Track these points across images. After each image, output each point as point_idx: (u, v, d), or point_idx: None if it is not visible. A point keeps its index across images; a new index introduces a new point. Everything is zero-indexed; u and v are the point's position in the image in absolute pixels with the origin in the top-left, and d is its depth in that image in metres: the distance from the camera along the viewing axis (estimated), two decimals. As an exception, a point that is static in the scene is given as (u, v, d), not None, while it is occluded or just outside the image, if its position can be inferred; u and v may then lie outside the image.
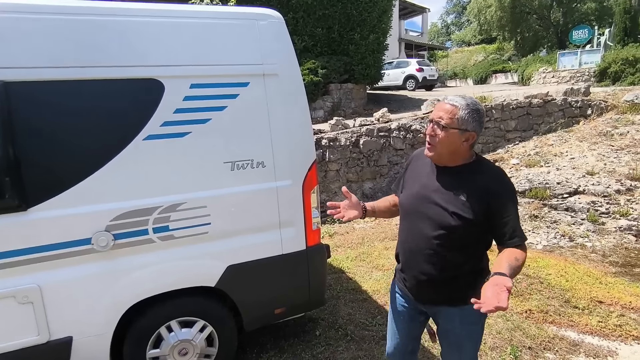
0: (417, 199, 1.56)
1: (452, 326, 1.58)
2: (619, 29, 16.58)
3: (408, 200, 1.61)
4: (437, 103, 1.53)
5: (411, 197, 1.59)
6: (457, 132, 1.42)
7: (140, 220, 2.00)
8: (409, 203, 1.60)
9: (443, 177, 1.50)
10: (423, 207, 1.52)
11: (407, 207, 1.61)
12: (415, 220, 1.56)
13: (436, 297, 1.58)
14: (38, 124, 1.81)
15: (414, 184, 1.61)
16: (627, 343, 2.75)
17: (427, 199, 1.51)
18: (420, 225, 1.53)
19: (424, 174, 1.58)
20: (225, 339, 2.34)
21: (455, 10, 49.98)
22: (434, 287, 1.56)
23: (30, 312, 1.85)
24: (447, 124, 1.42)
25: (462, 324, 1.56)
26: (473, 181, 1.44)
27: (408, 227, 1.61)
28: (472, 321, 1.56)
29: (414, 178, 1.63)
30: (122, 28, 1.94)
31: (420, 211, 1.53)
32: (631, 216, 5.09)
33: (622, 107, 8.55)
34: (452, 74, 25.99)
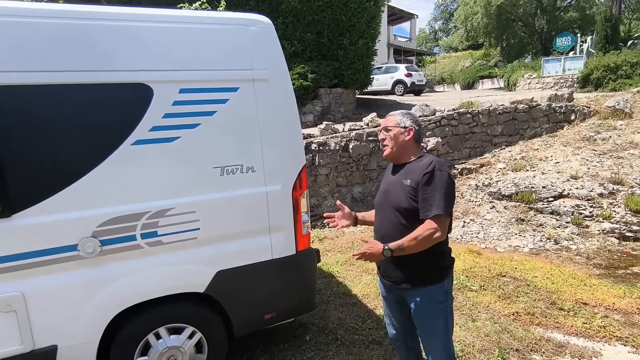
0: (382, 193, 1.94)
1: (420, 306, 1.82)
2: (601, 37, 17.02)
3: (377, 197, 1.98)
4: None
5: (379, 194, 1.97)
6: (398, 129, 1.85)
7: (128, 226, 1.98)
8: (378, 199, 1.97)
9: (396, 171, 1.89)
10: (385, 197, 1.89)
11: (377, 202, 1.97)
12: (382, 210, 1.90)
13: (402, 275, 1.82)
14: (23, 129, 1.78)
15: (381, 185, 2.01)
16: (611, 344, 2.81)
17: (387, 190, 1.89)
18: (385, 213, 1.87)
19: (387, 175, 1.99)
20: (215, 345, 2.32)
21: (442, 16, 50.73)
22: (399, 266, 1.81)
23: (14, 320, 1.81)
24: (391, 126, 1.87)
25: (429, 303, 1.80)
26: (413, 170, 1.80)
27: (378, 217, 1.94)
28: (437, 300, 1.81)
29: (382, 182, 2.02)
30: (111, 32, 1.92)
31: (384, 201, 1.89)
32: (614, 219, 5.21)
33: (604, 112, 8.77)
34: (440, 79, 26.30)
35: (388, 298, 2.02)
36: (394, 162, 1.92)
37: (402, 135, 1.84)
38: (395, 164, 1.92)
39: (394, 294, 1.95)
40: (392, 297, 1.98)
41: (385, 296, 2.03)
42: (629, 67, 13.06)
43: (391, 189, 1.86)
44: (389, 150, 1.87)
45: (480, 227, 5.45)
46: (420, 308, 1.82)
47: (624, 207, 5.42)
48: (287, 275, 2.44)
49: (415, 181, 1.74)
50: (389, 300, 2.02)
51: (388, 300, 2.03)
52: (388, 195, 1.87)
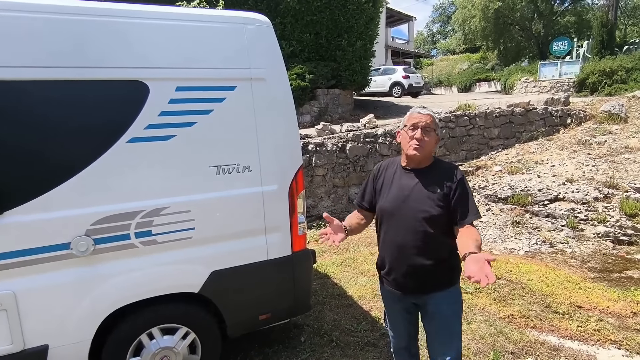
0: (398, 200, 1.75)
1: (440, 309, 1.76)
2: (597, 42, 17.16)
3: (389, 203, 1.78)
4: (411, 112, 1.76)
5: (391, 200, 1.77)
6: (436, 135, 1.74)
7: (122, 225, 1.96)
8: (391, 205, 1.77)
9: (415, 177, 1.74)
10: (405, 205, 1.72)
11: (389, 209, 1.78)
12: (400, 218, 1.74)
13: (426, 285, 1.74)
14: (15, 125, 1.76)
15: (391, 190, 1.79)
16: (605, 347, 2.81)
17: (408, 198, 1.72)
18: (406, 222, 1.72)
19: (397, 179, 1.80)
20: (209, 346, 2.30)
21: (440, 19, 50.93)
22: (424, 276, 1.72)
23: (4, 319, 1.79)
24: (431, 128, 1.71)
25: (449, 305, 1.77)
26: (440, 176, 1.72)
27: (394, 226, 1.76)
28: (457, 300, 1.80)
29: (388, 185, 1.82)
30: (107, 28, 1.90)
31: (404, 209, 1.72)
32: (608, 223, 5.24)
33: (600, 116, 8.83)
34: (437, 81, 26.40)
35: (396, 309, 1.90)
36: (412, 166, 1.77)
37: (436, 142, 1.75)
38: (408, 167, 1.78)
39: (404, 304, 1.85)
40: (402, 306, 1.87)
41: (393, 307, 1.92)
42: (625, 72, 13.17)
43: (413, 195, 1.70)
44: (421, 152, 1.69)
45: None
46: (441, 310, 1.76)
47: (618, 211, 5.45)
48: (283, 276, 2.42)
49: (446, 188, 1.67)
50: (397, 311, 1.91)
51: (395, 311, 1.92)
52: (409, 202, 1.71)
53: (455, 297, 1.79)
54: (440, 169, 1.75)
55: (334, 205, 6.56)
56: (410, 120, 1.73)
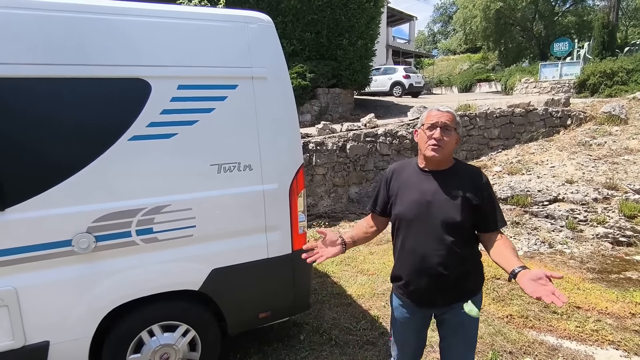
0: (418, 205, 1.60)
1: (461, 318, 1.64)
2: (598, 43, 17.17)
3: (407, 209, 1.63)
4: (430, 110, 1.64)
5: (412, 205, 1.62)
6: (457, 135, 1.61)
7: (124, 222, 1.96)
8: (409, 212, 1.62)
9: (438, 180, 1.60)
10: (427, 211, 1.58)
11: (409, 215, 1.62)
12: (421, 226, 1.59)
13: (450, 297, 1.63)
14: (17, 123, 1.76)
15: (410, 194, 1.64)
16: (603, 348, 2.82)
17: (431, 203, 1.58)
18: (428, 229, 1.58)
19: (415, 182, 1.64)
20: (209, 343, 2.31)
21: (441, 19, 50.91)
22: (449, 288, 1.61)
23: (5, 315, 1.79)
24: (452, 127, 1.57)
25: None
26: (463, 179, 1.59)
27: (414, 234, 1.62)
28: (480, 307, 1.69)
29: (405, 189, 1.66)
30: (109, 26, 1.91)
31: (425, 216, 1.58)
32: (608, 224, 5.25)
33: (600, 118, 8.85)
34: (438, 81, 26.39)
35: (409, 323, 1.76)
36: (431, 167, 1.63)
37: (456, 142, 1.61)
38: (426, 169, 1.64)
39: (421, 317, 1.75)
40: (416, 320, 1.75)
41: (406, 322, 1.76)
42: (625, 73, 13.18)
43: (436, 201, 1.57)
44: (441, 153, 1.56)
45: (475, 230, 5.46)
46: (462, 320, 1.65)
47: (618, 212, 5.46)
48: (283, 275, 2.43)
49: (470, 193, 1.55)
50: (409, 326, 1.77)
51: (408, 325, 1.77)
52: (432, 208, 1.56)
53: (478, 304, 1.68)
54: (463, 171, 1.63)
55: (334, 205, 6.57)
56: (429, 119, 1.59)
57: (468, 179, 1.59)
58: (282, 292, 2.47)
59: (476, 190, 1.56)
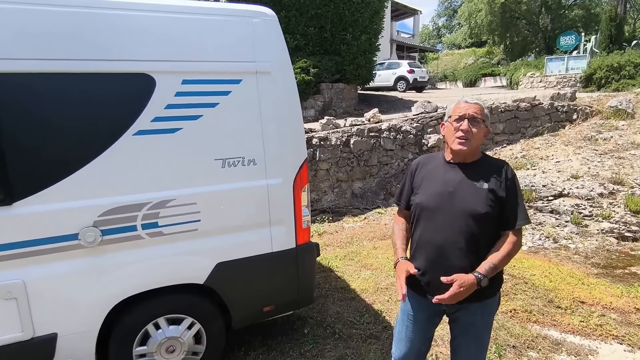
0: (440, 196, 1.59)
1: (474, 319, 1.62)
2: (605, 36, 16.95)
3: (429, 199, 1.62)
4: (458, 102, 1.63)
5: (434, 196, 1.61)
6: (484, 127, 1.59)
7: (129, 216, 1.98)
8: (431, 202, 1.61)
9: (463, 172, 1.59)
10: (448, 202, 1.57)
11: (430, 206, 1.61)
12: (442, 216, 1.58)
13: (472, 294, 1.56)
14: (24, 117, 1.78)
15: (434, 185, 1.64)
16: (607, 342, 2.82)
17: (452, 194, 1.57)
18: (449, 220, 1.56)
19: (441, 174, 1.64)
20: (214, 336, 2.33)
21: (446, 13, 50.46)
22: None
23: (14, 308, 1.82)
24: (480, 119, 1.56)
25: (483, 316, 1.64)
26: (488, 171, 1.57)
27: (434, 224, 1.60)
28: (491, 312, 1.66)
29: (429, 180, 1.66)
30: (114, 21, 1.91)
31: (447, 207, 1.57)
32: (613, 219, 5.22)
33: (607, 112, 8.76)
34: (443, 76, 26.22)
35: (419, 318, 1.72)
36: (458, 160, 1.62)
37: (484, 134, 1.60)
38: (452, 162, 1.64)
39: (432, 312, 1.70)
40: (427, 315, 1.72)
41: (415, 316, 1.73)
42: (633, 67, 13.01)
43: (459, 192, 1.55)
44: (469, 146, 1.55)
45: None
46: (475, 321, 1.63)
47: (623, 207, 5.43)
48: (287, 269, 2.45)
49: (495, 185, 1.53)
50: (420, 321, 1.73)
51: (418, 320, 1.73)
52: (454, 199, 1.55)
53: (493, 308, 1.66)
54: (489, 164, 1.61)
55: (338, 200, 6.58)
56: (457, 111, 1.58)
57: (494, 172, 1.56)
58: (286, 286, 2.48)
59: (501, 182, 1.54)
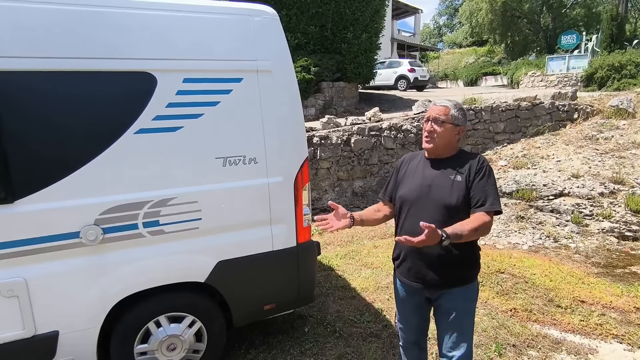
0: (419, 189, 1.74)
1: (454, 305, 1.72)
2: (606, 36, 16.92)
3: (410, 192, 1.77)
4: (430, 105, 1.76)
5: (413, 189, 1.76)
6: (451, 126, 1.71)
7: (130, 215, 1.99)
8: (411, 194, 1.76)
9: (437, 167, 1.74)
10: (426, 194, 1.71)
11: (410, 198, 1.76)
12: (420, 207, 1.72)
13: (443, 279, 1.70)
14: (26, 116, 1.78)
15: (414, 179, 1.79)
16: (607, 341, 2.82)
17: (429, 187, 1.71)
18: (425, 211, 1.69)
19: (420, 169, 1.79)
20: (214, 334, 2.34)
21: (447, 12, 50.34)
22: (441, 269, 1.69)
23: (16, 305, 1.83)
24: (444, 120, 1.70)
25: (464, 302, 1.74)
26: (460, 164, 1.71)
27: (413, 215, 1.73)
28: (472, 298, 1.77)
29: (411, 175, 1.82)
30: (115, 20, 1.91)
31: (424, 198, 1.71)
32: (613, 218, 5.22)
33: (607, 111, 8.74)
34: (443, 75, 26.18)
35: (407, 302, 1.87)
36: (432, 156, 1.77)
37: (452, 133, 1.71)
38: (429, 158, 1.78)
39: (418, 298, 1.82)
40: (415, 300, 1.84)
41: (404, 299, 1.88)
42: (634, 66, 12.99)
43: (434, 184, 1.69)
44: (433, 145, 1.71)
45: (480, 224, 5.45)
46: (455, 307, 1.72)
47: (624, 207, 5.42)
48: (287, 267, 2.45)
49: (466, 176, 1.65)
50: (408, 304, 1.87)
51: (407, 303, 1.88)
52: (431, 192, 1.69)
53: (471, 294, 1.76)
54: (463, 158, 1.73)
55: (338, 198, 6.58)
56: (426, 114, 1.78)
57: (466, 164, 1.69)
58: (287, 284, 2.49)
59: (472, 172, 1.67)
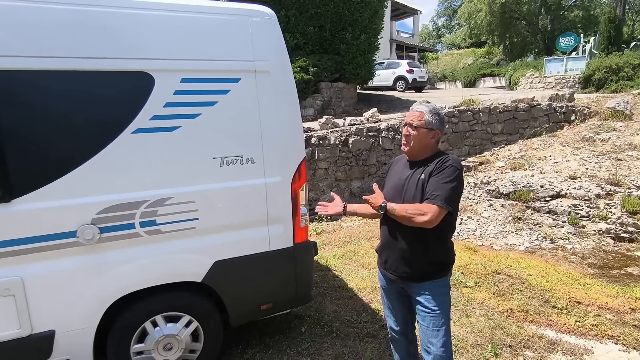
0: (395, 188, 1.88)
1: (426, 299, 1.83)
2: (604, 38, 16.98)
3: (388, 191, 1.91)
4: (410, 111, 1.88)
5: (391, 188, 1.91)
6: (425, 131, 1.81)
7: (127, 214, 1.99)
8: (389, 193, 1.89)
9: (412, 168, 1.86)
10: (399, 193, 1.84)
11: (388, 196, 1.87)
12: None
13: (412, 272, 1.84)
14: (24, 115, 1.78)
15: (393, 179, 1.94)
16: (603, 342, 2.84)
17: (402, 186, 1.85)
18: None
19: (400, 170, 1.93)
20: (211, 334, 2.34)
21: (446, 13, 50.45)
22: (410, 262, 1.83)
23: (12, 304, 1.83)
24: (417, 125, 1.80)
25: (435, 296, 1.83)
26: (431, 165, 1.80)
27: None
28: (443, 292, 1.86)
29: (393, 176, 1.97)
30: (113, 19, 1.92)
31: (397, 198, 1.84)
32: (610, 220, 5.24)
33: (605, 113, 8.78)
34: (442, 76, 26.22)
35: (389, 290, 2.02)
36: (410, 159, 1.89)
37: (427, 136, 1.81)
38: (409, 160, 1.90)
39: (396, 287, 1.96)
40: (394, 289, 1.98)
41: (386, 288, 2.03)
42: (631, 69, 13.04)
43: (407, 185, 1.82)
44: (409, 148, 1.84)
45: (477, 225, 5.48)
46: (425, 300, 1.83)
47: (620, 208, 5.45)
48: (284, 267, 2.46)
49: (429, 174, 1.74)
50: (390, 292, 2.02)
51: (389, 292, 2.03)
52: (402, 192, 1.82)
53: (441, 289, 1.85)
54: (435, 159, 1.80)
55: (336, 199, 6.58)
56: (405, 119, 1.89)
57: (434, 164, 1.78)
58: (284, 284, 2.49)
59: (434, 171, 1.75)
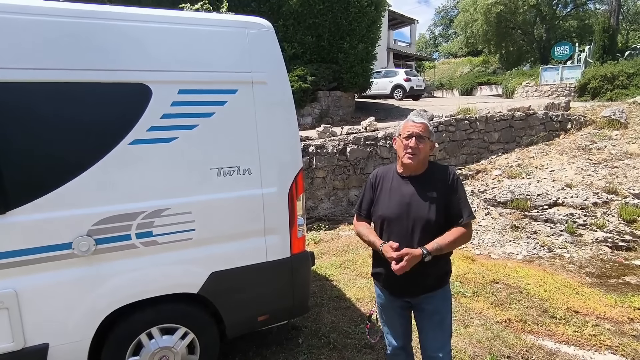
0: (399, 207, 1.81)
1: (435, 306, 1.86)
2: (599, 47, 17.19)
3: (390, 210, 1.84)
4: (406, 121, 1.85)
5: (393, 207, 1.83)
6: (430, 142, 1.81)
7: (123, 225, 1.98)
8: (392, 213, 1.83)
9: (413, 184, 1.82)
10: (406, 212, 1.79)
11: (391, 216, 1.83)
12: (400, 224, 1.80)
13: (424, 286, 1.83)
14: (20, 126, 1.78)
15: (392, 197, 1.85)
16: (601, 353, 2.82)
17: (408, 205, 1.79)
18: (405, 227, 1.78)
19: (396, 187, 1.86)
20: (207, 346, 2.32)
21: (443, 22, 50.98)
22: (422, 278, 1.79)
23: (5, 317, 1.81)
24: (426, 136, 1.78)
25: (443, 302, 1.88)
26: (436, 180, 1.80)
27: (395, 232, 1.81)
28: (449, 297, 1.91)
29: (387, 193, 1.88)
30: (110, 32, 1.93)
31: (404, 216, 1.79)
32: (607, 228, 5.25)
33: (600, 122, 8.85)
34: (439, 84, 26.43)
35: (391, 307, 1.97)
36: (408, 173, 1.83)
37: (430, 148, 1.82)
38: (404, 175, 1.84)
39: (400, 303, 1.93)
40: (397, 305, 1.94)
41: (387, 307, 1.98)
42: (626, 77, 13.20)
43: (414, 203, 1.77)
44: (416, 160, 1.77)
45: (475, 234, 5.47)
46: (436, 307, 1.85)
47: (617, 217, 5.46)
48: (281, 278, 2.44)
49: (442, 192, 1.76)
50: (391, 310, 1.97)
51: (390, 309, 1.98)
52: (411, 209, 1.77)
53: (447, 294, 1.91)
54: (435, 173, 1.83)
55: (334, 208, 6.58)
56: (405, 129, 1.81)
57: (439, 179, 1.79)
58: (281, 295, 2.48)
59: (447, 188, 1.78)
